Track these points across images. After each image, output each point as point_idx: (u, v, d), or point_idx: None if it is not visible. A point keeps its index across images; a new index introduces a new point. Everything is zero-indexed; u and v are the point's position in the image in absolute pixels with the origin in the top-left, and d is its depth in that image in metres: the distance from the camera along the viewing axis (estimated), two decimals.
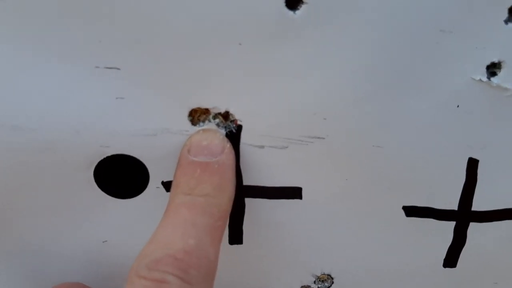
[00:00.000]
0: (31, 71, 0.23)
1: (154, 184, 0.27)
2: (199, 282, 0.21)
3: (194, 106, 0.25)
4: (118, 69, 0.24)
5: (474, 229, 0.28)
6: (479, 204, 0.28)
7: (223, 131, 0.26)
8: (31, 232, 0.28)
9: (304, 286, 0.30)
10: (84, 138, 0.25)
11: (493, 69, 0.24)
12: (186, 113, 0.25)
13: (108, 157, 0.26)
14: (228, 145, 0.25)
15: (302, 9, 0.22)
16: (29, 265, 0.29)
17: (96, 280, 0.29)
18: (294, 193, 0.27)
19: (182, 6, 0.22)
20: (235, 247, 0.29)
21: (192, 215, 0.23)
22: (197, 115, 0.25)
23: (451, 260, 0.29)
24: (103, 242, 0.28)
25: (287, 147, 0.26)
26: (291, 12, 0.23)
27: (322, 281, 0.30)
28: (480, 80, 0.24)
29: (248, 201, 0.28)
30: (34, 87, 0.24)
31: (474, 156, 0.26)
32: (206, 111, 0.25)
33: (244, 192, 0.27)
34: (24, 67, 0.23)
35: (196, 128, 0.26)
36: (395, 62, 0.24)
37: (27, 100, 0.24)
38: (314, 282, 0.30)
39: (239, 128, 0.26)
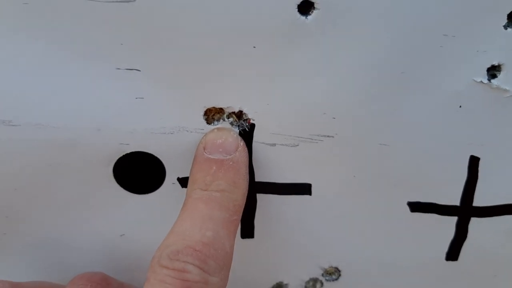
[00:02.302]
0: (55, 71, 0.25)
1: (170, 180, 0.28)
2: (216, 272, 0.22)
3: (209, 105, 0.26)
4: (139, 70, 0.25)
5: (475, 224, 0.30)
6: (480, 199, 0.29)
7: (237, 130, 0.27)
8: (52, 226, 0.29)
9: (312, 278, 0.32)
10: (105, 136, 0.26)
11: (493, 71, 0.26)
12: (202, 112, 0.26)
13: (127, 154, 0.27)
14: (241, 143, 0.26)
15: (314, 14, 0.24)
16: (49, 257, 0.30)
17: (114, 271, 0.30)
18: (304, 189, 0.29)
19: (200, 12, 0.23)
20: (247, 240, 0.30)
21: (209, 209, 0.24)
22: (211, 114, 0.27)
23: (453, 253, 0.31)
24: (121, 235, 0.30)
25: (297, 145, 0.27)
26: (303, 17, 0.24)
27: (330, 273, 0.31)
28: (481, 82, 0.26)
29: (260, 196, 0.29)
30: (58, 87, 0.25)
31: (475, 154, 0.28)
32: (220, 111, 0.27)
33: (256, 188, 0.29)
34: (48, 68, 0.25)
35: (211, 126, 0.27)
36: (401, 65, 0.25)
37: (51, 99, 0.25)
38: (322, 274, 0.31)
39: (252, 126, 0.27)
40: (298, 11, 0.24)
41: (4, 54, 0.24)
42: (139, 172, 0.28)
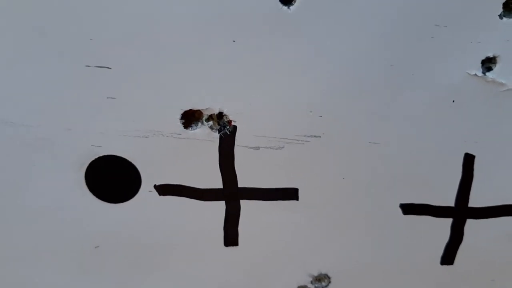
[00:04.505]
0: (22, 67, 0.23)
1: (147, 187, 0.26)
2: None
3: (187, 107, 0.24)
4: (109, 68, 0.23)
5: (471, 225, 0.28)
6: (476, 200, 0.28)
7: (217, 134, 0.25)
8: (19, 238, 0.27)
9: (301, 286, 0.30)
10: (76, 136, 0.25)
11: (488, 64, 0.24)
12: (179, 115, 0.25)
13: (100, 158, 0.25)
14: None
15: (297, 4, 0.22)
16: (17, 274, 0.28)
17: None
18: (290, 194, 0.27)
19: (174, 4, 0.22)
20: (231, 248, 0.28)
21: None
22: (189, 118, 0.25)
23: (448, 257, 0.29)
24: (95, 247, 0.28)
25: (282, 147, 0.26)
26: (285, 8, 0.22)
27: (319, 280, 0.30)
28: (476, 75, 0.24)
29: (244, 203, 0.27)
30: (26, 83, 0.23)
31: (470, 152, 0.26)
32: (199, 113, 0.25)
33: (239, 194, 0.27)
34: (15, 64, 0.23)
35: (189, 131, 0.25)
36: (390, 57, 0.24)
37: (20, 96, 0.23)
38: (311, 282, 0.30)
39: (234, 129, 0.25)
40: (280, 0, 0.22)
41: None
42: (113, 179, 0.26)
